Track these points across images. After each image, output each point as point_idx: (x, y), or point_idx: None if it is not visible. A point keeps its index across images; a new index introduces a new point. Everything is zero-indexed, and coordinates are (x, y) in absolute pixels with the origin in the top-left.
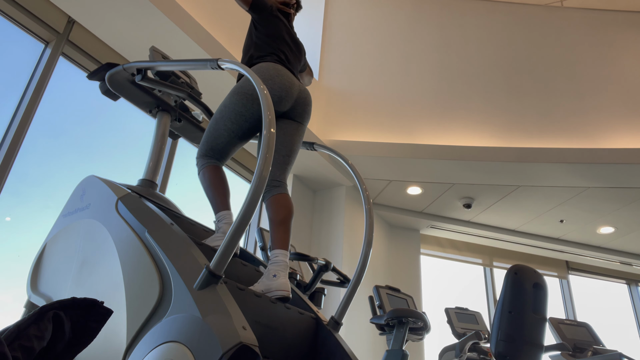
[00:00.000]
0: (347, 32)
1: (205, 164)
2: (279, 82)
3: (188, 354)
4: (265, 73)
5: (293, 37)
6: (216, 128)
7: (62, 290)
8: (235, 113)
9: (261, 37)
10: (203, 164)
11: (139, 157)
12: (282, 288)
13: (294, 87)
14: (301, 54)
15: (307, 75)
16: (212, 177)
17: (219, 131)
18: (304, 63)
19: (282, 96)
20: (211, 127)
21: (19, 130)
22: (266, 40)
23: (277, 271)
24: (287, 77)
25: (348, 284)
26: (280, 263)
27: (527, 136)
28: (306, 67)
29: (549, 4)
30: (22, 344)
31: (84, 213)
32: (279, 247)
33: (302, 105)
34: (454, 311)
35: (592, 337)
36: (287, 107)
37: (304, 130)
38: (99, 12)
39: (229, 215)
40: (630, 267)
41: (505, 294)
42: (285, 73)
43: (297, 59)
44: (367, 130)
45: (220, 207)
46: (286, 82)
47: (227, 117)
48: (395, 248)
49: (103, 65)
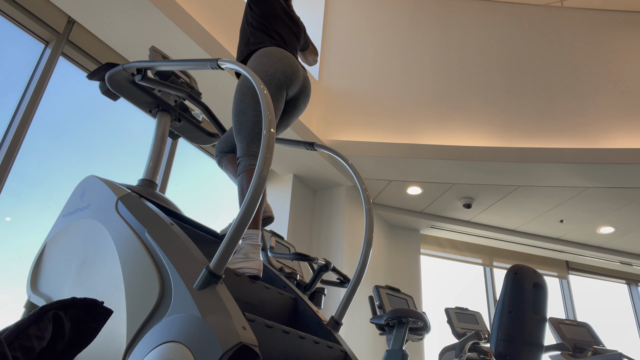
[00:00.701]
0: (347, 32)
1: (251, 164)
2: (287, 63)
3: (188, 354)
4: (273, 56)
5: (290, 14)
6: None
7: (62, 290)
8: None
9: (257, 17)
10: (249, 163)
11: (139, 157)
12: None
13: (300, 72)
14: (300, 30)
15: (310, 54)
16: None
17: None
18: (305, 41)
19: (293, 79)
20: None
21: (19, 130)
22: (262, 22)
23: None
24: (293, 61)
25: (348, 284)
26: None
27: (527, 136)
28: (309, 45)
29: (549, 4)
30: (22, 344)
31: (84, 213)
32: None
33: (305, 95)
34: (454, 311)
35: (592, 337)
36: (295, 91)
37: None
38: (99, 12)
39: (256, 235)
40: (630, 267)
41: (505, 294)
42: (290, 56)
43: (295, 37)
44: (367, 130)
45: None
46: (293, 66)
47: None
48: (395, 248)
49: (103, 65)
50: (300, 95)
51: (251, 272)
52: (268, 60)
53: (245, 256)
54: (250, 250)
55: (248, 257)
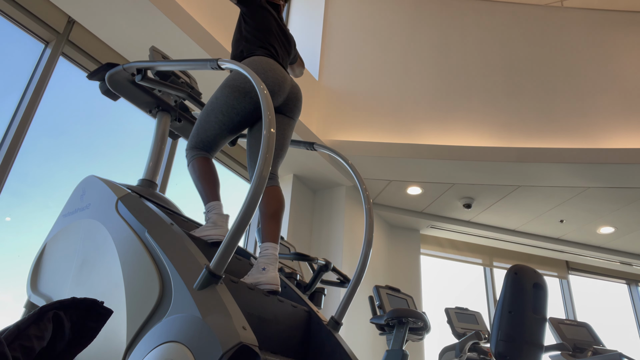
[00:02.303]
0: (347, 32)
1: (194, 155)
2: (271, 76)
3: (188, 354)
4: (258, 67)
5: (282, 29)
6: (207, 120)
7: (62, 290)
8: (227, 106)
9: (250, 30)
10: (193, 155)
11: (139, 157)
12: (272, 282)
13: (286, 82)
14: (291, 46)
15: (298, 67)
16: (201, 168)
17: (209, 123)
18: (294, 55)
19: (275, 90)
20: (202, 119)
21: (19, 130)
22: (255, 34)
23: (266, 264)
24: (280, 72)
25: (348, 284)
26: (270, 256)
27: (527, 136)
28: (297, 59)
29: (549, 4)
30: (22, 344)
31: (84, 213)
32: (269, 240)
33: (294, 100)
34: (454, 311)
35: (592, 337)
36: (279, 102)
37: (294, 125)
38: (99, 12)
39: (219, 205)
40: (630, 267)
41: (505, 294)
42: (278, 67)
43: (286, 52)
44: (367, 130)
45: (210, 197)
46: (279, 77)
47: (219, 110)
48: (395, 248)
49: (103, 65)
50: (289, 103)
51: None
52: (255, 68)
53: (214, 224)
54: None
55: (217, 224)
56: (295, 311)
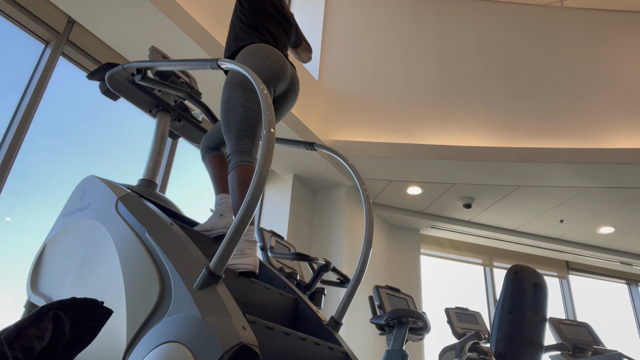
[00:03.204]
0: (347, 32)
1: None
2: (275, 60)
3: (188, 354)
4: (260, 53)
5: (280, 10)
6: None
7: (62, 290)
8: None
9: (246, 13)
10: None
11: (139, 157)
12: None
13: (288, 69)
14: (291, 27)
15: (304, 51)
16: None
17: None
18: (298, 37)
19: (280, 76)
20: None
21: (19, 130)
22: (251, 17)
23: (223, 211)
24: (281, 58)
25: (348, 284)
26: (226, 204)
27: (527, 136)
28: (302, 42)
29: (549, 4)
30: (22, 344)
31: (84, 213)
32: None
33: (293, 92)
34: (454, 311)
35: (592, 337)
36: (282, 89)
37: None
38: (99, 12)
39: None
40: (630, 267)
41: (505, 294)
42: (277, 53)
43: (285, 34)
44: (367, 130)
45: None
46: (280, 61)
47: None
48: (395, 248)
49: (103, 65)
50: (289, 93)
51: (246, 269)
52: (255, 57)
53: (241, 252)
54: (246, 247)
55: (244, 253)
56: (282, 297)
